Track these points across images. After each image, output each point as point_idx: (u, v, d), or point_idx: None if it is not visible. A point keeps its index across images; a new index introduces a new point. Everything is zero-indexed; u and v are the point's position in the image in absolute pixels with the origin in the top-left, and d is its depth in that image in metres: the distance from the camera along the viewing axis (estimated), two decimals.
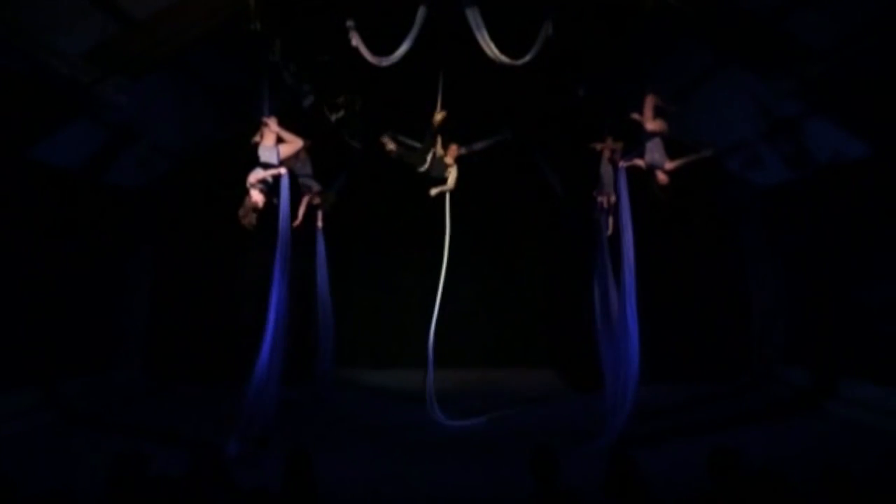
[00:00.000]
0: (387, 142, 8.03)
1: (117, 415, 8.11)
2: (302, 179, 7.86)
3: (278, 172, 6.53)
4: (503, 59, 6.63)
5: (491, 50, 6.58)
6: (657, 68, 7.42)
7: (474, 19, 6.44)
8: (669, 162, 6.87)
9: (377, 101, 8.86)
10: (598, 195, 8.10)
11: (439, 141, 8.01)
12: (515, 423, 7.86)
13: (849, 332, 8.11)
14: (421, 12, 6.42)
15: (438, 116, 7.67)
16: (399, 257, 11.65)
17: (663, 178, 6.84)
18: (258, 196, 6.47)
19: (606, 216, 7.86)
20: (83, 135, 7.74)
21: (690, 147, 7.28)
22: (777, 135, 8.42)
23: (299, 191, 7.82)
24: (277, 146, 6.71)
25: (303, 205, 7.92)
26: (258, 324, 6.38)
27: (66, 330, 8.40)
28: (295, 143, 6.93)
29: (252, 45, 6.65)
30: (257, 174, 6.49)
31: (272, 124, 6.75)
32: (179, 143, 9.62)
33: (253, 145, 6.71)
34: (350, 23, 6.65)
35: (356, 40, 6.66)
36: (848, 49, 6.08)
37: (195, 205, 10.06)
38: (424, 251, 9.36)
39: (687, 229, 10.13)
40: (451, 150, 8.10)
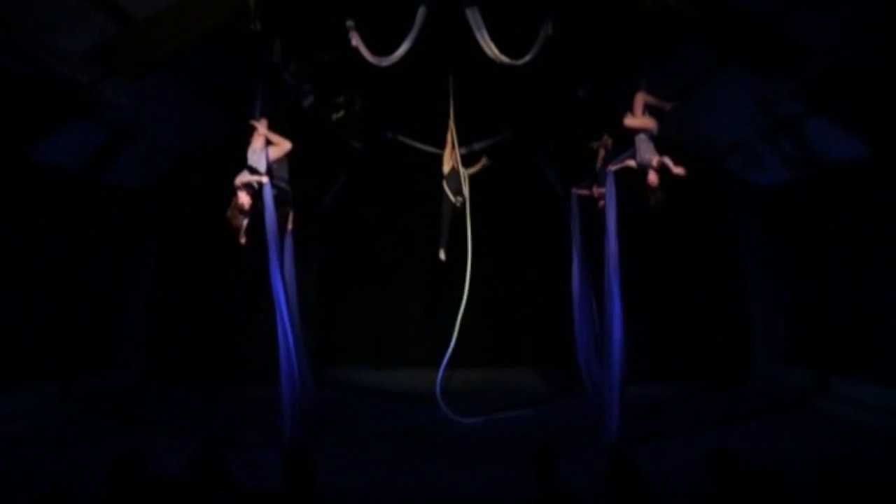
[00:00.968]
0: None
1: (117, 414, 8.10)
2: (276, 182, 7.15)
3: (261, 180, 6.39)
4: (503, 59, 6.63)
5: (491, 50, 6.58)
6: (657, 68, 7.40)
7: (474, 19, 6.43)
8: (657, 158, 6.73)
9: (377, 101, 8.86)
10: (578, 189, 8.38)
11: (458, 155, 8.38)
12: (515, 424, 7.86)
13: (849, 332, 8.11)
14: (421, 12, 6.42)
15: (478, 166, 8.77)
16: (399, 257, 11.62)
17: (654, 179, 6.74)
18: (245, 198, 6.39)
19: (583, 214, 8.27)
20: (83, 135, 7.73)
21: (689, 147, 7.28)
22: (777, 135, 8.41)
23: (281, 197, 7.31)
24: (266, 149, 6.62)
25: (290, 221, 7.45)
26: (257, 324, 6.37)
27: (66, 330, 8.38)
28: (283, 147, 6.78)
29: (252, 45, 6.63)
30: (243, 177, 6.41)
31: (261, 127, 6.68)
32: (179, 143, 9.62)
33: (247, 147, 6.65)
34: (350, 23, 6.64)
35: (356, 40, 6.66)
36: (848, 49, 6.07)
37: (195, 205, 10.05)
38: (424, 251, 9.34)
39: (686, 229, 10.12)
40: (478, 164, 8.78)
